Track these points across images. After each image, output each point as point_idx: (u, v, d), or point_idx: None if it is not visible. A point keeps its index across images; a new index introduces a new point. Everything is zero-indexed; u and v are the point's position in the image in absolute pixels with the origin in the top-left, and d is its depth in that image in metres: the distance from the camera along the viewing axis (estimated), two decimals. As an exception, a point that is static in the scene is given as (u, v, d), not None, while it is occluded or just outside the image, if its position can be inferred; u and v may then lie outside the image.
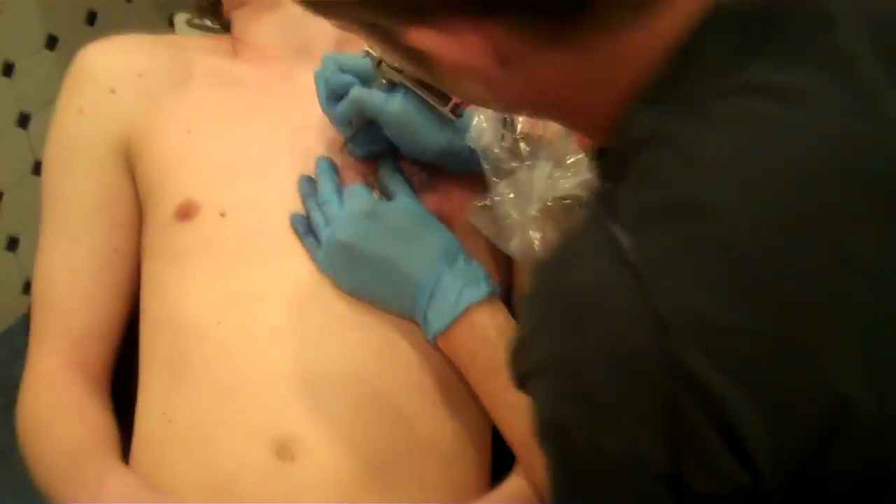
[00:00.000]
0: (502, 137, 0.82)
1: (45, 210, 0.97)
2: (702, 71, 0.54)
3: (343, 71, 0.89)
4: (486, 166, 0.84)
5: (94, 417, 0.89)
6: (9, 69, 1.90)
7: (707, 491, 0.51)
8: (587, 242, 0.54)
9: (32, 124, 1.96)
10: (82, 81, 0.96)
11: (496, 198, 0.83)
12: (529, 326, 0.56)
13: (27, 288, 2.06)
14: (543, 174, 0.81)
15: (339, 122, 0.91)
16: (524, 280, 0.91)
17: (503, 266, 0.93)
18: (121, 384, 0.94)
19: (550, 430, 0.54)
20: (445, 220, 0.88)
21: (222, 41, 1.03)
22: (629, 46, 0.55)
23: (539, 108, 0.64)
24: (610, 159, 0.59)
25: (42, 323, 0.94)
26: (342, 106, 0.88)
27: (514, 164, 0.83)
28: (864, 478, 0.52)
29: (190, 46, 1.02)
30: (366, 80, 0.88)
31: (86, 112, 0.95)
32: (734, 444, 0.49)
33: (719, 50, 0.54)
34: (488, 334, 0.82)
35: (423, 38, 0.55)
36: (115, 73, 0.96)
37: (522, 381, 0.56)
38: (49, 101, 0.99)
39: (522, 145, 0.83)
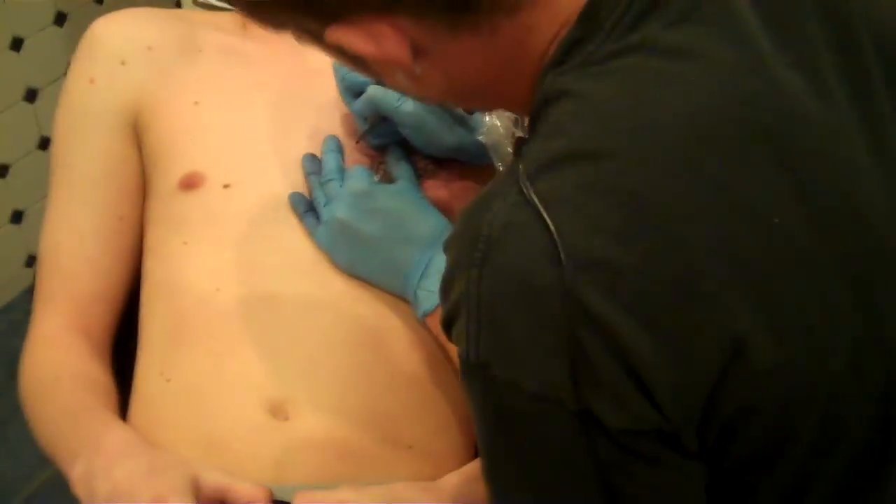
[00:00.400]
0: (513, 135, 0.86)
1: (53, 177, 1.00)
2: (599, 33, 0.58)
3: None
4: (496, 162, 0.88)
5: (95, 377, 0.92)
6: (17, 44, 1.92)
7: (621, 426, 0.54)
8: (499, 189, 0.58)
9: (39, 99, 1.98)
10: (94, 52, 0.99)
11: None
12: (448, 267, 0.60)
13: (31, 262, 2.08)
14: None
15: (356, 117, 0.94)
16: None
17: None
18: (121, 350, 0.98)
19: (472, 369, 0.58)
20: (444, 205, 0.91)
21: (231, 18, 1.06)
22: (532, 23, 0.59)
23: (465, 97, 0.68)
24: (529, 120, 0.63)
25: (47, 286, 0.97)
26: (359, 103, 0.92)
27: None
28: (769, 424, 0.56)
29: (200, 21, 1.05)
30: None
31: (96, 82, 0.98)
32: (634, 377, 0.53)
33: (614, 14, 0.58)
34: None
35: (340, 35, 0.60)
36: (126, 45, 0.99)
37: (448, 324, 0.60)
38: (56, 76, 1.02)
39: None
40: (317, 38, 0.62)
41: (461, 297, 0.57)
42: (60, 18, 2.00)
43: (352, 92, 0.94)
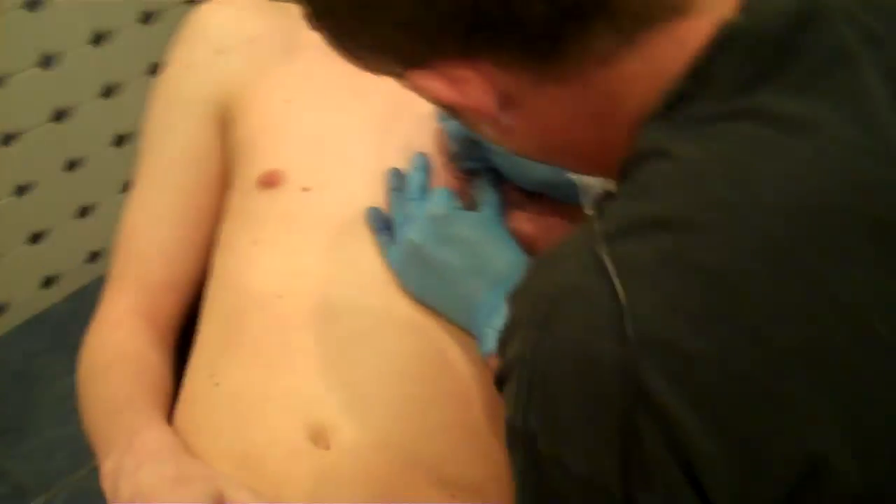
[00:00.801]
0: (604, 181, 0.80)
1: (140, 160, 0.99)
2: (710, 92, 0.52)
3: None
4: (585, 203, 0.81)
5: (151, 369, 0.90)
6: (98, 39, 1.92)
7: None
8: (573, 246, 0.53)
9: (119, 94, 1.99)
10: (194, 39, 0.98)
11: None
12: (509, 320, 0.55)
13: (93, 257, 2.08)
14: None
15: (449, 136, 0.90)
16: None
17: None
18: (186, 342, 0.95)
19: (517, 436, 0.53)
20: (528, 241, 0.85)
21: None
22: (629, 75, 0.54)
23: (552, 152, 0.62)
24: (617, 177, 0.57)
25: (120, 268, 0.96)
26: (452, 123, 0.88)
27: None
28: None
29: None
30: None
31: (192, 69, 0.96)
32: (691, 477, 0.48)
33: (730, 72, 0.52)
34: None
35: (421, 81, 0.57)
36: (227, 34, 0.97)
37: (500, 381, 0.55)
38: (139, 72, 1.01)
39: None
40: (404, 80, 0.59)
41: (516, 358, 0.52)
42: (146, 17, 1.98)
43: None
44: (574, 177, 0.82)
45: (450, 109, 0.60)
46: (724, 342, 0.47)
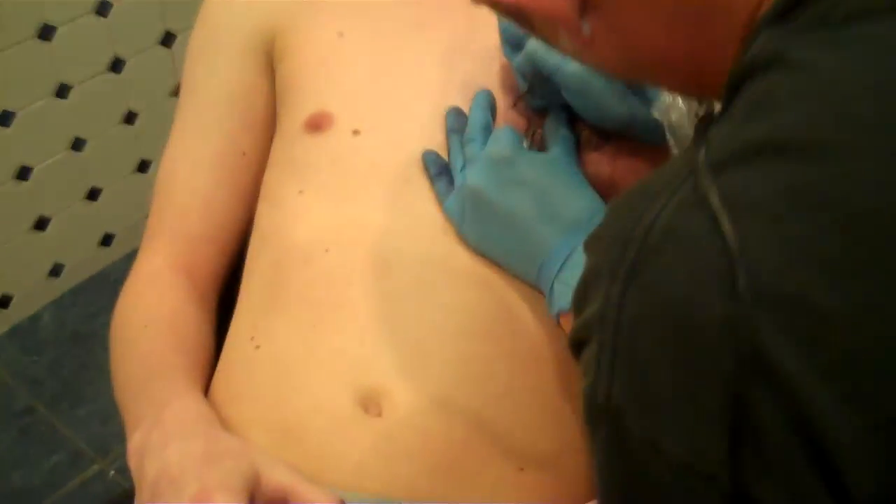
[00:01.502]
0: (696, 114, 0.69)
1: (179, 102, 0.91)
2: None
3: None
4: (673, 145, 0.71)
5: (188, 330, 0.82)
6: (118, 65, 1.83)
7: None
8: (667, 179, 0.43)
9: (177, 43, 1.90)
10: None
11: None
12: (586, 272, 0.46)
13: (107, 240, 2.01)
14: None
15: (516, 73, 0.80)
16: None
17: None
18: (229, 300, 0.88)
19: (599, 412, 0.43)
20: (604, 186, 0.76)
21: None
22: None
23: (641, 67, 0.52)
24: (724, 92, 0.46)
25: (157, 219, 0.89)
26: (518, 58, 0.78)
27: None
28: None
29: None
30: None
31: (234, 1, 0.88)
32: (822, 464, 0.38)
33: None
34: None
35: None
36: None
37: (577, 345, 0.46)
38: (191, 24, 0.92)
39: None
40: None
41: (597, 317, 0.43)
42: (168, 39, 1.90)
43: (512, 44, 0.79)
44: (658, 114, 0.72)
45: (518, 17, 0.51)
46: (869, 298, 0.37)
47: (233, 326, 0.81)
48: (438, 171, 0.79)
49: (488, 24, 0.83)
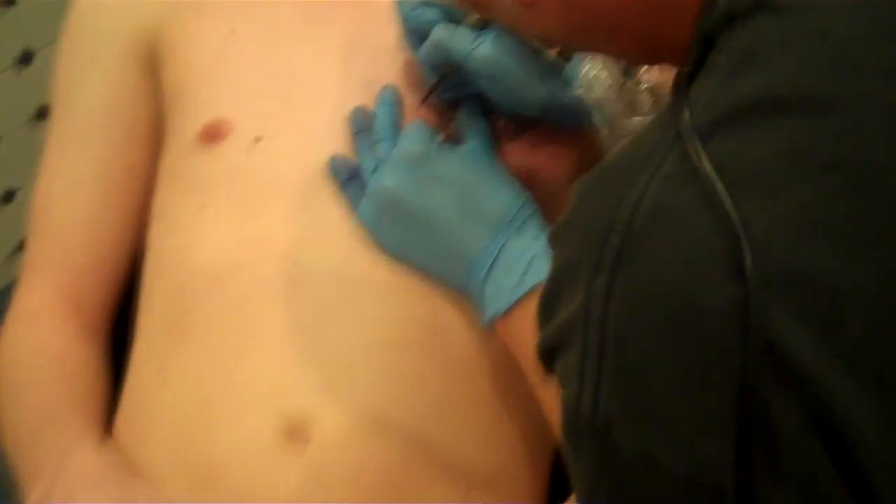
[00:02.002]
0: (621, 87, 0.65)
1: (52, 116, 0.82)
2: None
3: (426, 4, 0.73)
4: (599, 123, 0.67)
5: (79, 368, 0.75)
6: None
7: None
8: (646, 149, 0.39)
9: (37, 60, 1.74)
10: None
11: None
12: (557, 268, 0.41)
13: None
14: None
15: (422, 66, 0.75)
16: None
17: None
18: (120, 331, 0.80)
19: (584, 425, 0.38)
20: (525, 176, 0.71)
21: None
22: None
23: (589, 30, 0.47)
24: (693, 47, 0.42)
25: (36, 248, 0.80)
26: (424, 48, 0.73)
27: (634, 121, 0.65)
28: None
29: None
30: (453, 16, 0.72)
31: None
32: (841, 457, 0.34)
33: None
34: None
35: None
36: None
37: (549, 353, 0.42)
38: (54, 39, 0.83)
39: (646, 96, 0.65)
40: None
41: (577, 317, 0.38)
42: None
43: (417, 34, 0.74)
44: (581, 91, 0.68)
45: None
46: (891, 271, 0.33)
47: (134, 360, 0.74)
48: (348, 175, 0.73)
49: (385, 19, 0.78)
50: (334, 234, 0.72)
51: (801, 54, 0.36)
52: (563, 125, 0.74)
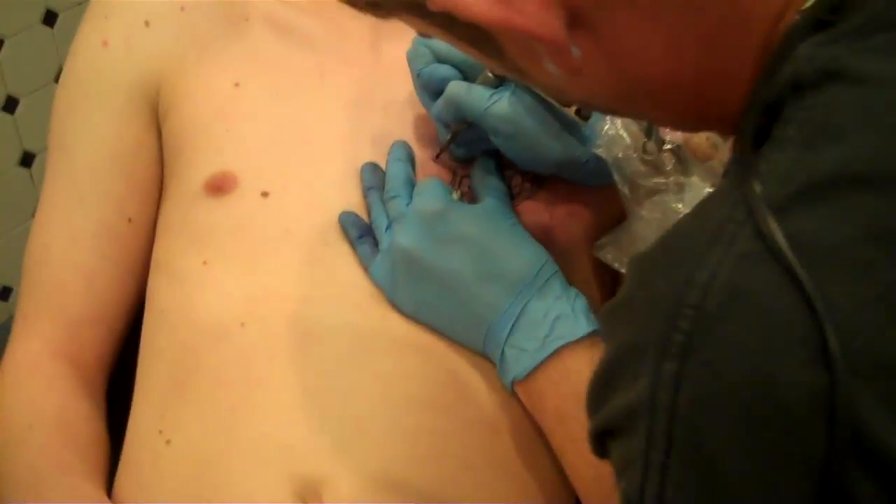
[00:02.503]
0: (643, 147, 0.65)
1: (48, 164, 0.80)
2: None
3: (439, 60, 0.72)
4: (619, 182, 0.67)
5: (78, 426, 0.72)
6: None
7: None
8: (715, 228, 0.37)
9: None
10: (110, 8, 0.79)
11: (636, 224, 0.64)
12: (615, 351, 0.39)
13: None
14: (697, 196, 0.63)
15: (435, 122, 0.74)
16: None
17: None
18: (121, 385, 0.77)
19: None
20: (543, 235, 0.70)
21: None
22: None
23: (636, 96, 0.46)
24: (751, 116, 0.41)
25: (30, 301, 0.78)
26: (438, 105, 0.72)
27: (656, 182, 0.65)
28: None
29: None
30: (467, 72, 0.71)
31: (111, 45, 0.78)
32: None
33: None
34: (583, 389, 0.64)
35: None
36: (151, 1, 0.78)
37: (600, 438, 0.40)
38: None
39: (668, 157, 0.65)
40: (420, 12, 0.43)
41: (641, 404, 0.36)
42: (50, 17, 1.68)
43: (430, 91, 0.73)
44: (601, 151, 0.67)
45: (487, 44, 0.44)
46: None
47: (134, 419, 0.71)
48: (360, 233, 0.72)
49: (395, 75, 0.77)
50: (347, 291, 0.70)
51: (881, 127, 0.35)
52: (578, 183, 0.73)
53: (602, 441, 0.40)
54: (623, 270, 0.67)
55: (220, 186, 0.74)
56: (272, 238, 0.72)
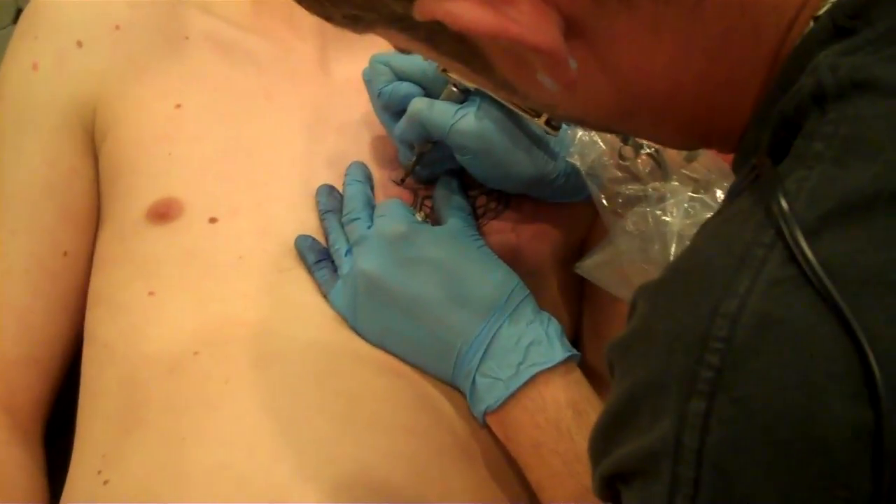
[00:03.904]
0: (619, 152, 0.62)
1: None
2: None
3: (399, 77, 0.68)
4: (594, 192, 0.63)
5: (11, 475, 0.67)
6: None
7: None
8: (741, 253, 0.34)
9: None
10: (39, 27, 0.74)
11: (620, 238, 0.61)
12: (634, 387, 0.36)
13: None
14: (680, 203, 0.60)
15: (398, 143, 0.71)
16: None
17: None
18: (59, 429, 0.72)
19: None
20: (510, 255, 0.68)
21: None
22: None
23: (634, 111, 0.43)
24: (762, 130, 0.39)
25: None
26: (401, 125, 0.68)
27: (633, 189, 0.62)
28: None
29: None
30: (430, 88, 0.68)
31: (41, 68, 0.73)
32: None
33: None
34: (561, 416, 0.61)
35: (439, 4, 0.37)
36: (83, 21, 0.73)
37: (614, 480, 0.37)
38: None
39: (645, 161, 0.62)
40: (403, 25, 0.40)
41: (663, 446, 0.33)
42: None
43: (392, 110, 0.69)
44: (574, 159, 0.64)
45: (475, 59, 0.41)
46: None
47: (74, 462, 0.66)
48: (318, 257, 0.68)
49: (346, 93, 0.74)
50: (306, 315, 0.66)
51: None
52: (544, 200, 0.70)
53: (611, 486, 0.37)
54: (612, 291, 0.64)
55: (164, 213, 0.69)
56: (223, 266, 0.68)
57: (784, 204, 0.33)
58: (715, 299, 0.33)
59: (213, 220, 0.69)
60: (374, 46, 0.75)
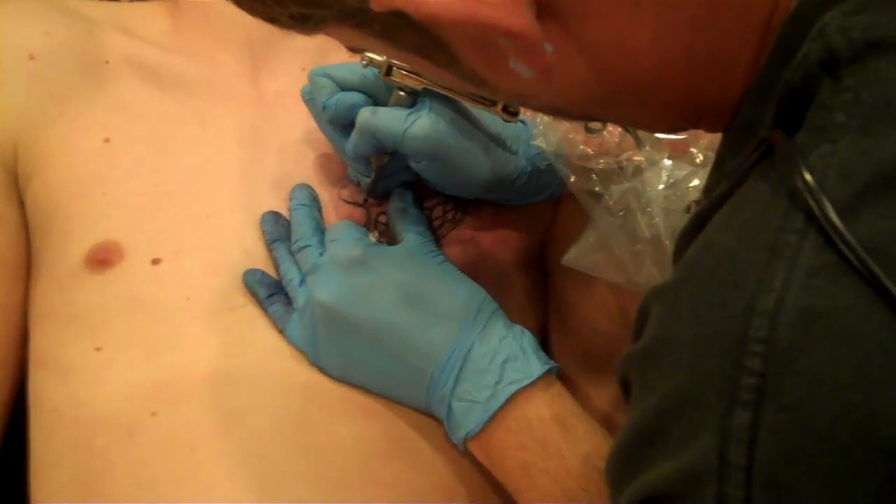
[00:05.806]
0: (585, 127, 0.58)
1: None
2: None
3: (343, 88, 0.64)
4: (566, 172, 0.60)
5: None
6: None
7: None
8: (768, 243, 0.31)
9: None
10: None
11: (602, 220, 0.58)
12: (662, 403, 0.33)
13: None
14: (658, 174, 0.56)
15: (348, 160, 0.67)
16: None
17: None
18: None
19: None
20: (472, 267, 0.64)
21: (153, 10, 0.76)
22: None
23: (615, 95, 0.40)
24: (763, 103, 0.36)
25: None
26: (352, 138, 0.64)
27: (605, 161, 0.58)
28: None
29: (103, 19, 0.74)
30: (378, 97, 0.64)
31: None
32: None
33: None
34: (548, 434, 0.58)
35: None
36: None
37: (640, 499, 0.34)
38: None
39: (615, 133, 0.58)
40: (358, 21, 0.37)
41: (705, 467, 0.30)
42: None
43: (339, 124, 0.65)
44: (539, 141, 0.61)
45: (439, 55, 0.38)
46: None
47: None
48: (269, 291, 0.64)
49: (282, 111, 0.71)
50: (265, 359, 0.63)
51: None
52: (502, 203, 0.67)
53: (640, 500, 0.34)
54: (607, 278, 0.61)
55: (103, 259, 0.64)
56: (171, 310, 0.64)
57: (811, 181, 0.30)
58: (748, 296, 0.30)
59: (155, 262, 0.65)
60: (304, 54, 0.72)
